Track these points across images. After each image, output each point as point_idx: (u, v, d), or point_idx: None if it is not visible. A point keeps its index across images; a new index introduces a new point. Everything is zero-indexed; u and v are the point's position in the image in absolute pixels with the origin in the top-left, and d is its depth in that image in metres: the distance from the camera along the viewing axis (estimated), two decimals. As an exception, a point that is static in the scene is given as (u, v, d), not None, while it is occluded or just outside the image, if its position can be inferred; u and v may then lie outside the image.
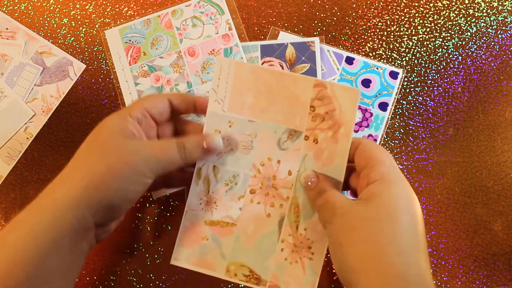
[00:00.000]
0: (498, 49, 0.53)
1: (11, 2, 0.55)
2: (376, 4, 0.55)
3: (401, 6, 0.55)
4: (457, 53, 0.53)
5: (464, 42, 0.54)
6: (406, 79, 0.53)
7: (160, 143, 0.38)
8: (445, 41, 0.54)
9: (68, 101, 0.53)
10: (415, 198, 0.35)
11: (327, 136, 0.39)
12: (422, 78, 0.53)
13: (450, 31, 0.54)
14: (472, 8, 0.55)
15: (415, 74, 0.53)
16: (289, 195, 0.40)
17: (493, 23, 0.54)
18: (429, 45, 0.54)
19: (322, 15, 0.55)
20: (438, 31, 0.54)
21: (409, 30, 0.54)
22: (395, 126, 0.52)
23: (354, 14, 0.55)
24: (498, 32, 0.54)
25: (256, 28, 0.54)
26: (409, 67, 0.53)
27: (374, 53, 0.53)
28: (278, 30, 0.54)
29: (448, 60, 0.53)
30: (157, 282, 0.48)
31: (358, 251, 0.32)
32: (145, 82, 0.53)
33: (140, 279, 0.49)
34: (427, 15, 0.54)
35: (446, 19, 0.54)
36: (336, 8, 0.55)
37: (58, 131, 0.52)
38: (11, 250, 0.32)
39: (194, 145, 0.39)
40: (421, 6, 0.55)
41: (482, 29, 0.54)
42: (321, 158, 0.39)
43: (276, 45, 0.54)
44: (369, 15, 0.55)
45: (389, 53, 0.53)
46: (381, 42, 0.54)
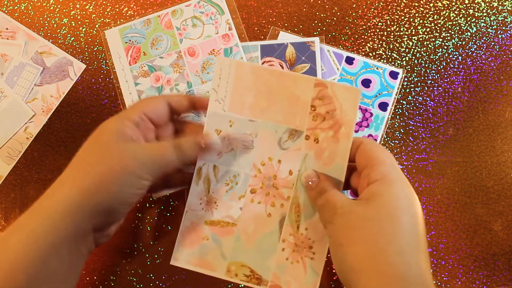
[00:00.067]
0: (498, 49, 0.53)
1: (11, 2, 0.55)
2: (376, 4, 0.55)
3: (401, 6, 0.55)
4: (457, 53, 0.53)
5: (464, 42, 0.54)
6: (406, 79, 0.53)
7: (157, 145, 0.38)
8: (445, 41, 0.54)
9: (68, 101, 0.53)
10: (415, 198, 0.34)
11: (328, 135, 0.39)
12: (422, 78, 0.53)
13: (450, 31, 0.54)
14: (472, 8, 0.55)
15: (415, 74, 0.53)
16: (290, 194, 0.40)
17: (493, 23, 0.54)
18: (429, 45, 0.54)
19: (322, 15, 0.55)
20: (438, 31, 0.54)
21: (409, 30, 0.54)
22: (395, 126, 0.52)
23: (354, 14, 0.55)
24: (498, 32, 0.54)
25: (256, 28, 0.54)
26: (409, 67, 0.53)
27: (374, 53, 0.54)
28: (278, 30, 0.54)
29: (448, 60, 0.53)
30: (157, 282, 0.48)
31: (358, 251, 0.32)
32: (145, 82, 0.53)
33: (140, 279, 0.49)
34: (427, 15, 0.54)
35: (446, 19, 0.54)
36: (336, 8, 0.55)
37: (58, 131, 0.52)
38: (12, 252, 0.32)
39: (191, 144, 0.39)
40: (421, 6, 0.55)
41: (482, 29, 0.54)
42: (322, 157, 0.39)
43: (276, 45, 0.54)
44: (369, 15, 0.55)
45: (389, 53, 0.53)
46: (381, 42, 0.54)
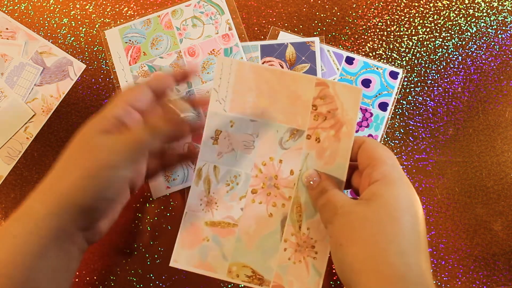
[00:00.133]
0: (498, 49, 0.53)
1: (11, 2, 0.55)
2: (376, 4, 0.55)
3: (401, 6, 0.55)
4: (457, 53, 0.53)
5: (464, 42, 0.54)
6: (406, 79, 0.53)
7: (130, 131, 0.37)
8: (445, 41, 0.54)
9: (68, 101, 0.53)
10: (416, 198, 0.34)
11: (329, 135, 0.39)
12: (422, 78, 0.53)
13: (450, 31, 0.54)
14: (472, 8, 0.55)
15: (415, 74, 0.53)
16: (291, 194, 0.40)
17: (493, 23, 0.54)
18: (429, 45, 0.54)
19: (322, 15, 0.55)
20: (438, 31, 0.54)
21: (409, 30, 0.54)
22: (395, 126, 0.52)
23: (354, 14, 0.55)
24: (498, 32, 0.54)
25: (256, 28, 0.54)
26: (409, 67, 0.53)
27: (374, 53, 0.54)
28: (278, 30, 0.54)
29: (448, 60, 0.53)
30: (157, 282, 0.48)
31: (359, 251, 0.32)
32: (145, 82, 0.53)
33: (140, 279, 0.48)
34: (427, 15, 0.54)
35: (446, 19, 0.54)
36: (336, 8, 0.55)
37: (58, 131, 0.52)
38: None
39: (159, 120, 0.37)
40: (421, 6, 0.55)
41: (482, 29, 0.54)
42: (323, 157, 0.39)
43: (276, 45, 0.54)
44: (369, 15, 0.55)
45: (389, 53, 0.54)
46: (381, 42, 0.54)
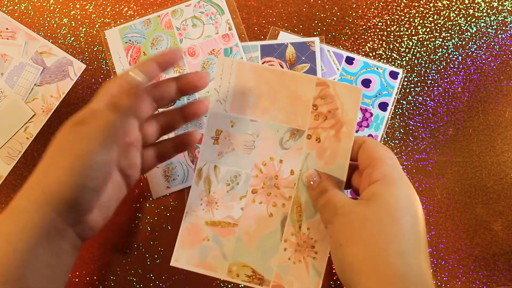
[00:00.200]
0: (498, 49, 0.53)
1: (11, 2, 0.55)
2: (376, 4, 0.55)
3: (401, 6, 0.55)
4: (457, 53, 0.53)
5: (464, 42, 0.54)
6: (406, 79, 0.53)
7: (98, 115, 0.35)
8: (445, 41, 0.54)
9: (68, 101, 0.53)
10: (416, 198, 0.34)
11: (330, 135, 0.39)
12: (422, 78, 0.53)
13: (450, 31, 0.54)
14: (472, 8, 0.55)
15: (415, 74, 0.53)
16: (292, 194, 0.40)
17: (493, 23, 0.54)
18: (429, 45, 0.54)
19: (322, 15, 0.55)
20: (438, 31, 0.54)
21: (409, 30, 0.54)
22: (395, 126, 0.52)
23: (354, 14, 0.55)
24: (498, 32, 0.54)
25: (256, 28, 0.54)
26: (409, 67, 0.53)
27: (374, 53, 0.54)
28: (278, 30, 0.54)
29: (448, 60, 0.53)
30: (157, 282, 0.48)
31: (359, 251, 0.32)
32: (145, 82, 0.53)
33: (140, 279, 0.48)
34: (427, 15, 0.55)
35: (446, 19, 0.54)
36: (336, 8, 0.55)
37: (58, 131, 0.52)
38: None
39: (117, 93, 0.35)
40: (421, 6, 0.55)
41: (482, 29, 0.54)
42: (324, 157, 0.39)
43: (276, 45, 0.54)
44: (369, 15, 0.55)
45: (389, 53, 0.54)
46: (381, 42, 0.54)
